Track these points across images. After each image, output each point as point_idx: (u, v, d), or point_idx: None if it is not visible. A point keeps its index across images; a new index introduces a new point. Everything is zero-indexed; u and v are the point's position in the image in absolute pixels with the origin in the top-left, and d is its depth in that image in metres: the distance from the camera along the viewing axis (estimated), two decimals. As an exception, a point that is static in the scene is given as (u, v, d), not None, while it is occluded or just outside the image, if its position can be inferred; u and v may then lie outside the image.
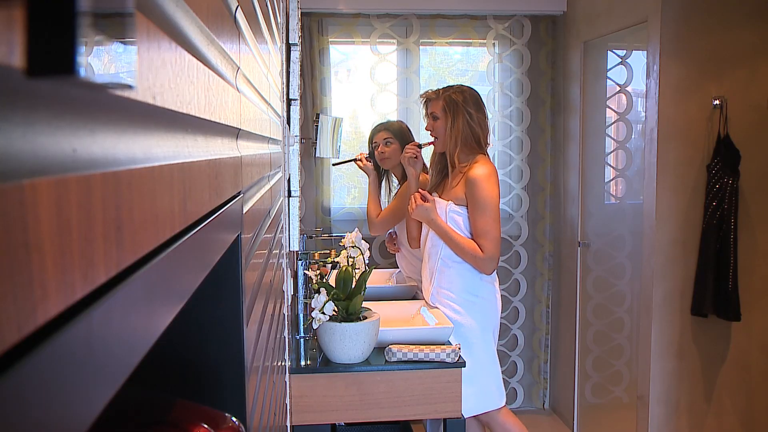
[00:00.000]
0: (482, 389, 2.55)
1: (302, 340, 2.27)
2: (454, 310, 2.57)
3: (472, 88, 2.65)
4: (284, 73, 1.85)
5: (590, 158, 3.61)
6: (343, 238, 2.35)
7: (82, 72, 0.20)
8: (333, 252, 2.62)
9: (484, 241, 2.50)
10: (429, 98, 2.66)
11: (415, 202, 2.63)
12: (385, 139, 3.09)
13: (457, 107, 2.57)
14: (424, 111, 2.71)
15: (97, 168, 0.25)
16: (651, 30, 2.92)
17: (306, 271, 2.31)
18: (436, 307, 2.60)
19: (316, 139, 3.41)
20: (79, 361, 0.23)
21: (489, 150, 2.69)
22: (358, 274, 2.17)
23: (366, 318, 2.17)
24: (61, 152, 0.22)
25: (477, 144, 2.59)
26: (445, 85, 2.68)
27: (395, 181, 3.22)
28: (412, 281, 3.11)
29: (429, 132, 2.67)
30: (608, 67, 3.57)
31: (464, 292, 2.58)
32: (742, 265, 2.87)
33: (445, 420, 2.23)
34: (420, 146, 2.77)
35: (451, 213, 2.57)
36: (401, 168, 3.07)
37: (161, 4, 0.34)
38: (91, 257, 0.24)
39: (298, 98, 2.20)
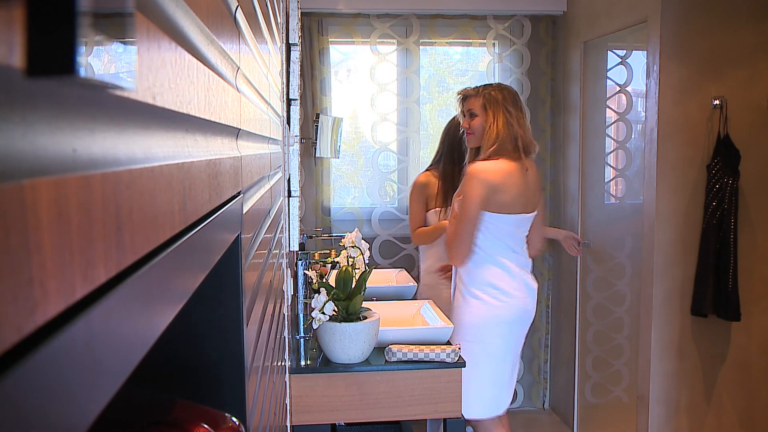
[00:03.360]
0: (476, 394, 2.49)
1: (302, 340, 2.27)
2: (487, 302, 2.54)
3: (510, 87, 2.62)
4: (284, 73, 1.85)
5: (590, 158, 3.61)
6: (343, 238, 2.35)
7: (82, 72, 0.20)
8: (333, 252, 2.62)
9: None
10: (467, 95, 2.62)
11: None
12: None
13: (497, 105, 2.52)
14: (459, 108, 2.66)
15: (97, 168, 0.25)
16: (651, 30, 2.92)
17: (306, 271, 2.31)
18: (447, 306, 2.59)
19: (316, 139, 3.41)
20: (79, 361, 0.23)
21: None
22: (358, 274, 2.17)
23: (366, 318, 2.17)
24: (61, 152, 0.22)
25: (514, 147, 2.50)
26: (484, 84, 2.64)
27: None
28: (413, 281, 3.11)
29: (465, 129, 2.63)
30: (608, 67, 3.57)
31: (493, 288, 2.54)
32: (742, 265, 2.87)
33: (445, 420, 2.23)
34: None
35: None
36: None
37: (161, 4, 0.34)
38: (91, 257, 0.24)
39: (298, 98, 2.20)
